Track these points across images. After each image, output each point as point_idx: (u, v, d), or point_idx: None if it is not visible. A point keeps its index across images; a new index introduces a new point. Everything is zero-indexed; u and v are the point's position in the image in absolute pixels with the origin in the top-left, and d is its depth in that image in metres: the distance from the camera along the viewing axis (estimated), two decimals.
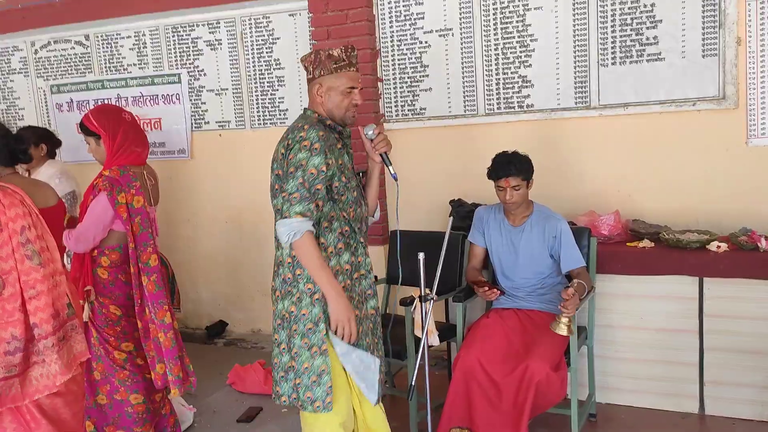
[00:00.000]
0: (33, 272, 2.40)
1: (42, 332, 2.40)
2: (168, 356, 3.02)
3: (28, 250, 2.40)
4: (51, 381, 2.41)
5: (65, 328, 2.50)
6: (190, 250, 5.10)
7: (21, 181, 2.56)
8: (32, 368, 2.41)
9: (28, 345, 2.39)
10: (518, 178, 3.19)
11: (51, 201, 2.64)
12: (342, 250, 2.52)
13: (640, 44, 3.75)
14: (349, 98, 2.53)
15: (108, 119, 3.03)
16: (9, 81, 5.48)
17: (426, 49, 4.20)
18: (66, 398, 2.54)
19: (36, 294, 2.40)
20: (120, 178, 2.92)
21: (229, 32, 4.72)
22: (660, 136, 3.79)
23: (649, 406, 3.53)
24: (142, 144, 3.13)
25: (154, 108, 5.00)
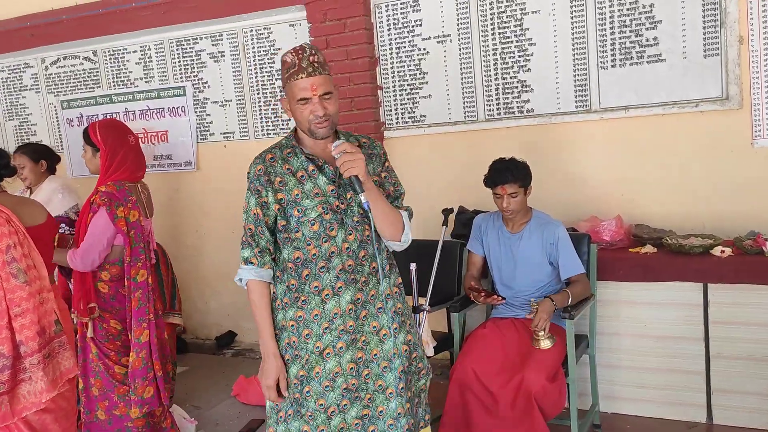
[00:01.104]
0: (18, 290, 2.43)
1: (28, 349, 2.42)
2: (134, 375, 3.01)
3: (13, 268, 2.43)
4: (37, 398, 2.43)
5: (51, 345, 2.52)
6: (197, 260, 5.13)
7: (8, 200, 2.57)
8: (20, 385, 2.43)
9: (15, 362, 2.41)
10: (515, 185, 3.14)
11: (39, 219, 2.64)
12: (287, 304, 2.20)
13: (640, 45, 3.68)
14: (306, 110, 2.10)
15: (113, 137, 3.06)
16: (21, 97, 5.58)
17: (424, 55, 4.17)
18: (55, 414, 2.56)
19: (21, 312, 2.43)
20: (117, 192, 2.95)
21: (231, 44, 4.74)
22: (663, 138, 3.71)
23: (655, 415, 3.44)
24: (139, 166, 3.15)
25: (160, 121, 5.04)
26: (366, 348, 2.22)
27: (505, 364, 2.98)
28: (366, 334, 2.21)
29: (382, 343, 2.23)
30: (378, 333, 2.23)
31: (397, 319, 2.24)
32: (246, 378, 4.12)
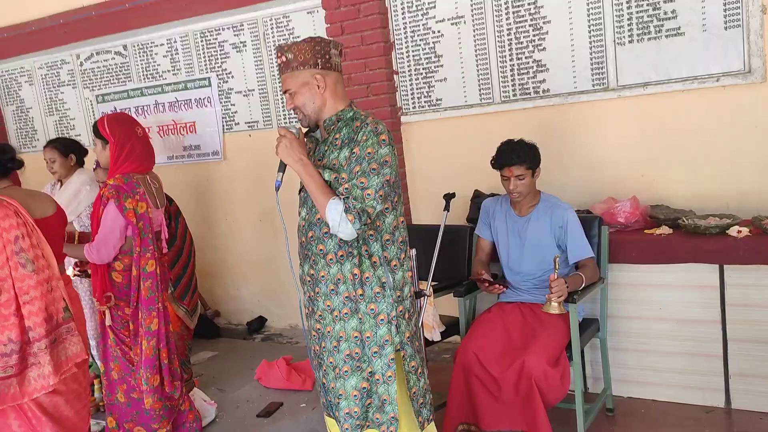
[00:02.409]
0: (27, 279, 2.56)
1: (36, 335, 2.55)
2: (145, 364, 3.10)
3: (21, 258, 2.55)
4: (45, 381, 2.55)
5: (59, 331, 2.64)
6: (227, 248, 5.25)
7: (17, 193, 2.70)
8: (30, 369, 2.56)
9: (24, 347, 2.54)
10: (522, 167, 3.10)
11: (49, 211, 2.77)
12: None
13: (658, 19, 3.55)
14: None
15: (120, 130, 3.15)
16: (60, 93, 5.79)
17: (439, 38, 4.13)
18: (66, 397, 2.69)
19: (30, 299, 2.55)
20: (125, 185, 3.04)
21: (252, 34, 4.80)
22: (683, 115, 3.59)
23: (672, 399, 3.36)
24: (148, 158, 3.23)
25: (188, 112, 5.16)
26: (322, 323, 2.36)
27: (507, 348, 2.96)
28: (321, 310, 2.35)
29: (334, 324, 2.33)
30: (331, 312, 2.32)
31: (348, 305, 2.29)
32: (268, 362, 4.20)
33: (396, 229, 2.33)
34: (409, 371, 2.36)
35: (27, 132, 6.10)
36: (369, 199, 2.19)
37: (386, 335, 2.29)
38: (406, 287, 2.37)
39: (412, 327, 2.39)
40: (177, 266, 3.62)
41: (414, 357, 2.37)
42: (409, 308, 2.38)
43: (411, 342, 2.37)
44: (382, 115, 4.26)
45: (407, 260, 2.39)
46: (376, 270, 2.29)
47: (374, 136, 2.23)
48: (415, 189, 4.40)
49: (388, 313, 2.29)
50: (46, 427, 2.63)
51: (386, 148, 2.23)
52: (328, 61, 2.32)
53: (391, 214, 2.31)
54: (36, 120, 6.01)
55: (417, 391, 2.40)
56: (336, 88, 2.35)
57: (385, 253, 2.30)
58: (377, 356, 2.30)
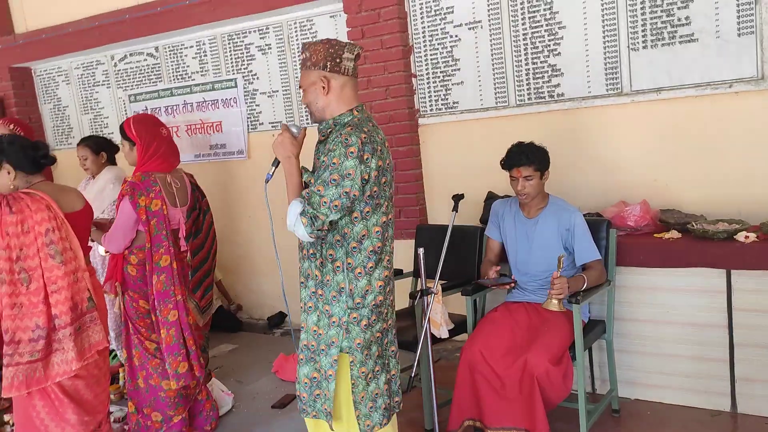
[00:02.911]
0: (55, 269, 2.72)
1: (61, 322, 2.71)
2: (168, 351, 3.26)
3: (51, 249, 2.72)
4: (68, 366, 2.71)
5: (83, 320, 2.79)
6: (250, 245, 5.39)
7: (49, 188, 2.86)
8: (54, 354, 2.72)
9: (50, 334, 2.70)
10: (530, 168, 3.17)
11: (77, 205, 2.93)
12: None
13: (672, 25, 3.59)
14: None
15: (146, 130, 3.31)
16: (95, 93, 6.01)
17: (456, 42, 4.21)
18: (87, 381, 2.85)
19: (57, 289, 2.72)
20: (141, 183, 3.19)
21: (277, 37, 4.94)
22: (696, 121, 3.61)
23: (678, 402, 3.40)
24: (172, 157, 3.37)
25: (215, 112, 5.32)
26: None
27: (512, 346, 3.03)
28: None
29: (302, 313, 2.49)
30: (302, 303, 2.49)
31: (313, 300, 2.46)
32: (285, 356, 4.33)
33: (366, 237, 2.36)
34: (358, 376, 2.40)
35: (63, 130, 6.34)
36: (323, 207, 2.26)
37: (334, 337, 2.39)
38: (370, 296, 2.39)
39: (369, 335, 2.40)
40: (195, 259, 3.74)
41: (365, 363, 2.41)
42: (368, 316, 2.39)
43: (362, 348, 2.39)
44: (400, 117, 4.36)
45: (380, 269, 2.41)
46: (337, 275, 2.38)
47: (342, 147, 2.26)
48: (431, 189, 4.49)
49: (340, 317, 2.38)
50: (68, 408, 2.79)
51: (352, 160, 2.25)
52: (338, 64, 2.36)
53: (360, 223, 2.34)
54: (72, 118, 6.24)
55: (366, 395, 2.43)
56: (342, 92, 2.40)
57: (349, 260, 2.36)
58: (324, 353, 2.42)
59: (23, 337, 2.66)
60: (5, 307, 2.65)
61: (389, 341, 2.55)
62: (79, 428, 2.82)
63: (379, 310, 2.43)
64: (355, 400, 2.42)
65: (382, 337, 2.47)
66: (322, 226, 2.28)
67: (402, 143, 4.39)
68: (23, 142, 2.86)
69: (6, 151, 2.81)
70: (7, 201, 2.69)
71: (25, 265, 2.67)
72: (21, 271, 2.67)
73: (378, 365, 2.45)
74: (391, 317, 2.52)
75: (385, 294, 2.44)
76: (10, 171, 2.82)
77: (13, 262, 2.65)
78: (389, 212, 2.43)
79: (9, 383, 2.66)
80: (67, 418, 2.78)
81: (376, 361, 2.44)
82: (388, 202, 2.41)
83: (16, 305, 2.66)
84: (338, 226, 2.34)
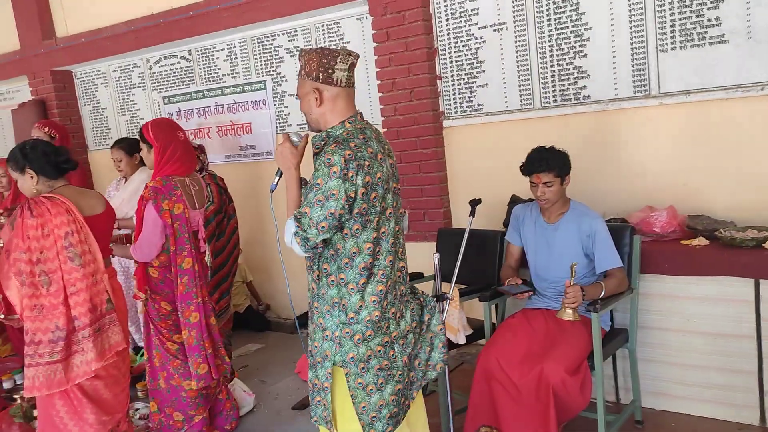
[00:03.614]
0: (74, 272, 2.79)
1: (80, 324, 2.78)
2: (190, 352, 3.30)
3: (70, 252, 2.79)
4: (88, 367, 2.78)
5: (102, 321, 2.86)
6: (278, 244, 5.42)
7: (69, 192, 2.93)
8: (73, 356, 2.79)
9: (69, 335, 2.77)
10: (550, 174, 3.12)
11: (98, 209, 2.99)
12: None
13: (702, 26, 3.48)
14: None
15: (163, 134, 3.35)
16: (131, 95, 6.14)
17: (481, 44, 4.17)
18: (106, 381, 2.91)
19: (76, 291, 2.79)
20: (163, 187, 3.24)
21: (305, 39, 4.96)
22: (727, 124, 3.50)
23: (704, 414, 3.30)
24: (189, 160, 3.42)
25: (245, 113, 5.38)
26: None
27: (528, 354, 2.98)
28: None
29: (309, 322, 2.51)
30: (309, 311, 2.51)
31: (310, 311, 2.47)
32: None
33: (357, 254, 2.29)
34: (356, 387, 2.34)
35: (102, 131, 6.50)
36: (311, 229, 2.23)
37: (327, 350, 2.34)
38: (364, 311, 2.32)
39: (364, 349, 2.33)
40: (215, 261, 3.79)
41: (361, 376, 2.34)
42: (361, 331, 2.32)
43: (356, 362, 2.33)
44: (424, 119, 4.34)
45: (373, 284, 2.33)
46: (331, 289, 2.33)
47: (325, 168, 2.20)
48: (456, 192, 4.45)
49: (333, 332, 2.34)
50: (87, 408, 2.86)
51: (335, 180, 2.18)
52: (330, 75, 2.30)
53: (351, 240, 2.28)
54: (109, 119, 6.39)
55: (367, 406, 2.36)
56: (335, 104, 2.34)
57: (341, 275, 2.31)
58: (320, 366, 2.37)
59: (43, 338, 2.73)
60: (26, 309, 2.74)
61: (398, 352, 2.43)
62: (98, 427, 2.89)
63: (378, 325, 2.34)
64: (357, 410, 2.37)
65: (385, 350, 2.37)
66: (315, 245, 2.26)
67: (426, 146, 4.37)
68: (46, 147, 2.93)
69: (29, 157, 2.89)
70: (28, 205, 2.77)
71: (45, 267, 2.75)
72: (41, 273, 2.74)
73: (381, 377, 2.36)
74: (396, 329, 2.41)
75: (382, 308, 2.34)
76: (33, 176, 2.90)
77: (33, 264, 2.73)
78: (382, 226, 2.33)
79: (30, 383, 2.74)
80: (85, 418, 2.85)
81: (378, 374, 2.35)
82: (380, 217, 2.32)
83: (36, 306, 2.74)
84: (332, 241, 2.30)
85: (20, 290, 2.77)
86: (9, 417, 3.69)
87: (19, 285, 2.77)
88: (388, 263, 2.36)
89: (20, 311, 2.82)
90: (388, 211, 2.35)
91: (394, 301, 2.40)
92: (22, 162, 2.90)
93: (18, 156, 2.92)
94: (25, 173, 2.91)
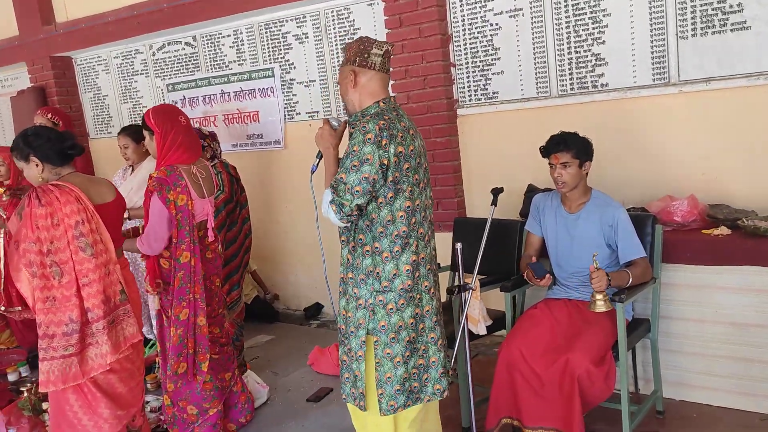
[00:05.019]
0: (86, 262, 2.71)
1: (94, 316, 2.70)
2: (172, 350, 3.20)
3: (81, 242, 2.70)
4: (103, 360, 2.71)
5: (116, 313, 2.79)
6: (287, 235, 5.38)
7: (78, 180, 2.83)
8: (88, 349, 2.71)
9: (83, 328, 2.69)
10: (567, 155, 3.07)
11: (108, 197, 2.90)
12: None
13: (723, 12, 3.43)
14: None
15: (164, 120, 3.25)
16: (134, 81, 6.05)
17: (497, 31, 4.11)
18: (120, 375, 2.85)
19: (89, 282, 2.70)
20: (167, 177, 3.15)
21: (314, 25, 4.88)
22: (748, 112, 3.46)
23: (726, 404, 3.27)
24: (193, 147, 3.32)
25: (252, 101, 5.30)
26: None
27: (552, 345, 2.95)
28: None
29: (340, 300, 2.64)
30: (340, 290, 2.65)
31: (342, 286, 2.59)
32: (321, 348, 4.30)
33: (391, 222, 2.44)
34: (383, 356, 2.49)
35: (103, 118, 6.40)
36: (347, 194, 2.38)
37: (361, 319, 2.49)
38: (398, 279, 2.46)
39: (396, 318, 2.47)
40: (227, 252, 3.73)
41: (390, 346, 2.48)
42: (395, 300, 2.46)
43: (387, 331, 2.47)
44: (437, 107, 4.28)
45: (407, 253, 2.47)
46: (366, 258, 2.48)
47: (360, 135, 2.38)
48: (470, 181, 4.40)
49: (366, 300, 2.48)
50: (101, 403, 2.79)
51: (370, 146, 2.35)
52: (366, 59, 2.50)
53: (385, 208, 2.43)
54: (111, 107, 6.30)
55: (392, 377, 2.50)
56: (368, 86, 2.52)
57: (376, 244, 2.45)
58: (353, 336, 2.53)
59: (57, 331, 2.66)
60: (38, 301, 2.65)
61: (428, 327, 2.56)
62: (113, 422, 2.83)
63: (410, 295, 2.48)
64: (380, 379, 2.49)
65: (416, 323, 2.51)
66: (350, 211, 2.40)
67: (440, 134, 4.31)
68: (49, 134, 2.83)
69: (32, 144, 2.79)
70: (36, 194, 2.67)
71: (56, 258, 2.66)
72: (52, 264, 2.66)
73: (408, 350, 2.50)
74: (429, 303, 2.54)
75: (414, 279, 2.48)
76: (38, 164, 2.79)
77: (44, 255, 2.64)
78: (416, 198, 2.47)
79: (45, 378, 2.66)
80: (100, 412, 2.79)
81: (406, 346, 2.49)
82: (413, 188, 2.46)
83: (48, 299, 2.66)
84: (367, 211, 2.44)
85: (31, 282, 2.68)
86: (18, 410, 3.63)
87: (30, 277, 2.68)
88: (421, 235, 2.52)
89: (32, 304, 2.73)
90: (421, 185, 2.51)
91: (428, 275, 2.54)
92: (26, 150, 2.80)
93: (21, 144, 2.81)
94: (29, 161, 2.81)
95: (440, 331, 2.64)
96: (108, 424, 2.81)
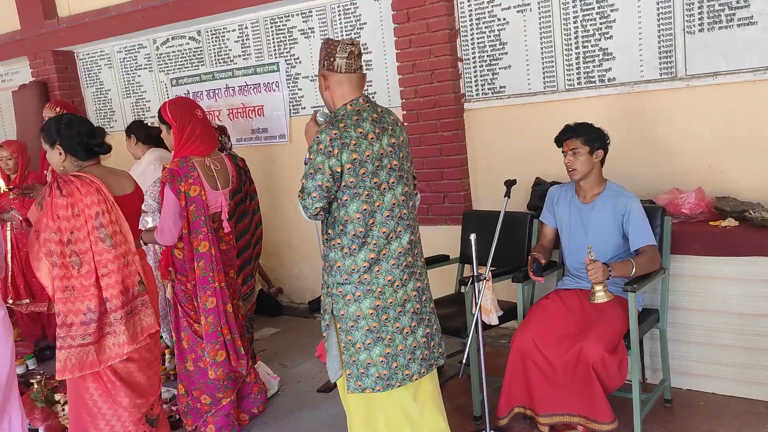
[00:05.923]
0: (105, 253, 2.73)
1: (112, 306, 2.73)
2: (207, 339, 3.25)
3: (101, 233, 2.72)
4: (120, 349, 2.73)
5: (134, 303, 2.81)
6: (292, 229, 5.40)
7: (99, 171, 2.86)
8: (105, 338, 2.74)
9: (102, 317, 2.72)
10: (577, 141, 3.13)
11: (127, 189, 2.93)
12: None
13: (730, 8, 3.48)
14: None
15: (181, 113, 3.29)
16: (137, 76, 6.05)
17: (504, 26, 4.14)
18: (139, 364, 2.87)
19: (108, 272, 2.73)
20: (179, 169, 3.18)
21: (320, 20, 4.91)
22: (754, 107, 3.51)
23: (732, 393, 3.32)
24: (209, 140, 3.35)
25: (257, 96, 5.32)
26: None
27: (565, 334, 2.99)
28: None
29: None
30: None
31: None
32: None
33: (348, 222, 2.55)
34: (347, 342, 2.65)
35: (105, 113, 6.40)
36: (307, 198, 2.52)
37: (326, 305, 2.69)
38: (356, 274, 2.58)
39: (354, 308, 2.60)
40: (239, 243, 3.75)
41: (350, 333, 2.63)
42: (352, 292, 2.59)
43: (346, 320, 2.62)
44: (445, 101, 4.31)
45: (365, 251, 2.57)
46: (331, 251, 2.63)
47: (315, 145, 2.50)
48: (476, 175, 4.44)
49: (330, 288, 2.66)
50: (121, 391, 2.82)
51: (321, 156, 2.46)
52: (332, 63, 2.57)
53: (342, 209, 2.54)
54: (114, 102, 6.29)
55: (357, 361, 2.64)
56: (338, 88, 2.59)
57: (338, 240, 2.60)
58: (322, 318, 2.73)
59: (75, 320, 2.68)
60: (57, 290, 2.68)
61: (392, 318, 2.63)
62: (132, 410, 2.85)
63: (368, 288, 2.59)
64: (347, 361, 2.65)
65: (377, 314, 2.61)
66: (315, 211, 2.55)
67: (447, 128, 4.34)
68: (81, 127, 2.84)
69: (62, 134, 2.81)
70: (57, 184, 2.70)
71: (76, 248, 2.68)
72: (72, 254, 2.68)
73: (369, 338, 2.62)
74: (392, 296, 2.62)
75: (372, 274, 2.58)
76: (62, 153, 2.82)
77: (64, 245, 2.67)
78: (376, 200, 2.55)
79: (62, 366, 2.68)
80: (119, 401, 2.81)
81: (366, 335, 2.61)
82: (371, 191, 2.53)
83: (68, 288, 2.68)
84: (330, 209, 2.58)
85: (51, 271, 2.71)
86: (30, 401, 3.64)
87: (50, 266, 2.71)
88: (382, 234, 2.58)
89: (51, 293, 2.76)
90: (383, 187, 2.57)
91: (392, 270, 2.61)
92: (54, 137, 2.82)
93: (52, 129, 2.84)
94: (54, 148, 2.83)
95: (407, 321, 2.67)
96: (127, 412, 2.83)
